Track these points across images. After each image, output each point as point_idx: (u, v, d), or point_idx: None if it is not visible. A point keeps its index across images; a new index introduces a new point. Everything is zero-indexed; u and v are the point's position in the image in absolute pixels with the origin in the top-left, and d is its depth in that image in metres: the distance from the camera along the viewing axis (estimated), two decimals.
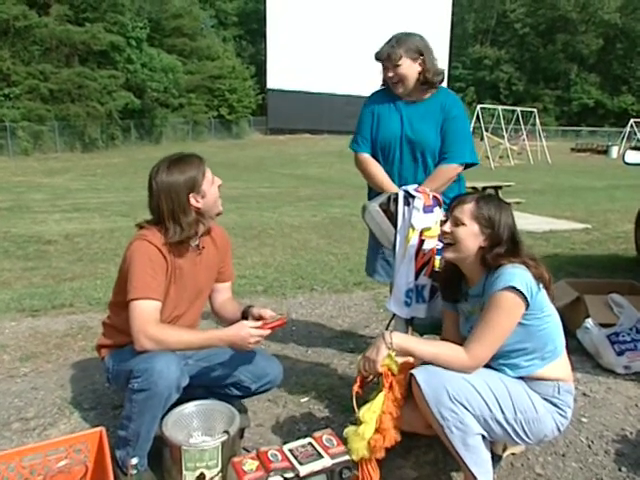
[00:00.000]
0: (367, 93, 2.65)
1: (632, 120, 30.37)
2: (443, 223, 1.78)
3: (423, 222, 2.06)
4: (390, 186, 2.35)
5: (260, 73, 39.07)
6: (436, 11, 39.06)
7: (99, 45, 26.24)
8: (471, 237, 1.69)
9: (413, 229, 2.06)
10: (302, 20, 36.64)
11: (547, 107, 47.44)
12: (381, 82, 2.49)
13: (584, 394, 2.44)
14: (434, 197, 2.11)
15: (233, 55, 39.76)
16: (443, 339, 1.89)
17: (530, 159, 24.74)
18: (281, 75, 36.79)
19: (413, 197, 2.08)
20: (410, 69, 2.31)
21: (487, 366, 1.69)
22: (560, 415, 1.69)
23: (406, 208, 2.10)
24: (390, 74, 2.35)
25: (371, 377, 1.77)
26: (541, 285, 1.64)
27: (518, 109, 27.24)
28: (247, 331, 1.75)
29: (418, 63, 2.32)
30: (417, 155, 2.39)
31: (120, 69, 27.83)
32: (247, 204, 10.13)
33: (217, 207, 1.90)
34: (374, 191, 2.45)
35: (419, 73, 2.33)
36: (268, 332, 1.79)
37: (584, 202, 10.30)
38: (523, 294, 1.59)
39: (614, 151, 28.54)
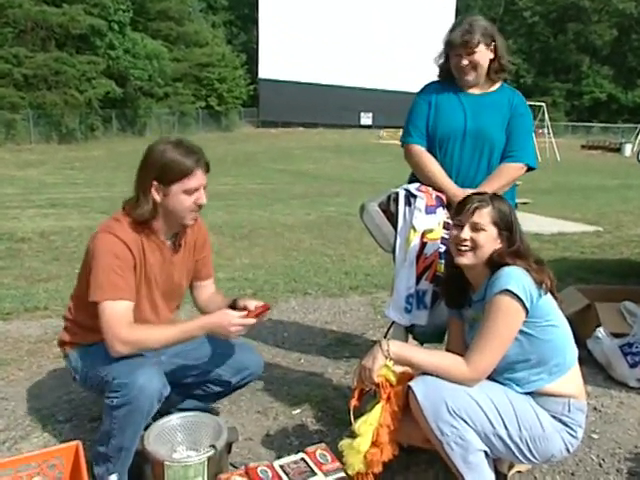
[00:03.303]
0: (367, 85, 2.64)
1: None
2: (455, 227, 1.78)
3: (425, 223, 2.07)
4: (450, 186, 2.24)
5: (251, 62, 39.04)
6: None
7: (78, 28, 26.08)
8: (491, 242, 1.72)
9: (414, 231, 2.07)
10: (297, 6, 36.65)
11: (557, 101, 47.69)
12: (438, 72, 2.41)
13: (595, 408, 2.45)
14: (437, 197, 2.11)
15: (223, 42, 39.69)
16: (448, 350, 1.90)
17: (538, 156, 24.81)
18: (274, 64, 36.81)
19: (415, 197, 2.09)
20: (485, 56, 2.25)
21: (493, 381, 1.70)
22: (570, 435, 1.69)
23: (407, 208, 2.10)
24: (464, 62, 2.24)
25: (368, 388, 1.77)
26: (542, 291, 1.65)
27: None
28: (229, 319, 1.74)
29: (491, 49, 2.26)
30: (481, 150, 2.29)
31: (101, 55, 27.69)
32: (236, 201, 10.13)
33: (182, 218, 1.83)
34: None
35: (491, 60, 2.27)
36: (253, 321, 1.79)
37: (595, 203, 10.36)
38: (520, 298, 1.60)
39: (627, 149, 28.72)
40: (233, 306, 1.94)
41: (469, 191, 2.11)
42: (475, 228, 1.72)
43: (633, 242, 6.38)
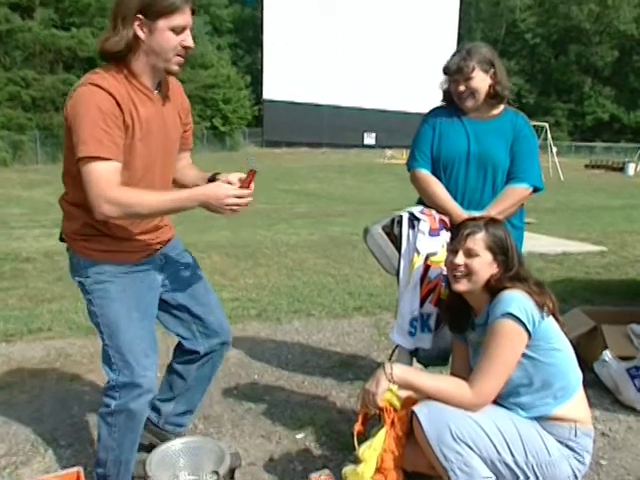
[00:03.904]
0: (371, 105, 2.67)
1: None
2: (450, 253, 1.78)
3: (429, 247, 2.06)
4: (455, 208, 2.26)
5: (256, 83, 39.52)
6: (442, 21, 39.74)
7: (86, 51, 26.51)
8: (486, 267, 1.72)
9: (418, 254, 2.07)
10: (300, 28, 37.19)
11: (559, 121, 48.01)
12: (441, 97, 2.44)
13: (603, 433, 2.42)
14: (441, 220, 2.12)
15: (228, 64, 40.24)
16: (453, 373, 1.88)
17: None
18: (278, 85, 37.22)
19: (418, 220, 2.09)
20: (482, 82, 2.26)
21: (498, 406, 1.68)
22: (577, 460, 1.67)
23: (411, 231, 2.10)
24: (461, 88, 2.27)
25: (373, 412, 1.75)
26: (545, 314, 1.65)
27: None
28: (224, 191, 1.61)
29: (490, 75, 2.27)
30: (485, 173, 2.31)
31: None
32: (240, 221, 10.13)
33: (166, 61, 1.66)
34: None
35: (490, 86, 2.29)
36: (249, 191, 1.65)
37: (599, 222, 10.34)
38: (522, 322, 1.59)
39: (631, 168, 28.74)
40: (212, 180, 1.83)
41: (473, 214, 2.13)
42: (469, 254, 1.72)
43: (638, 262, 6.34)
